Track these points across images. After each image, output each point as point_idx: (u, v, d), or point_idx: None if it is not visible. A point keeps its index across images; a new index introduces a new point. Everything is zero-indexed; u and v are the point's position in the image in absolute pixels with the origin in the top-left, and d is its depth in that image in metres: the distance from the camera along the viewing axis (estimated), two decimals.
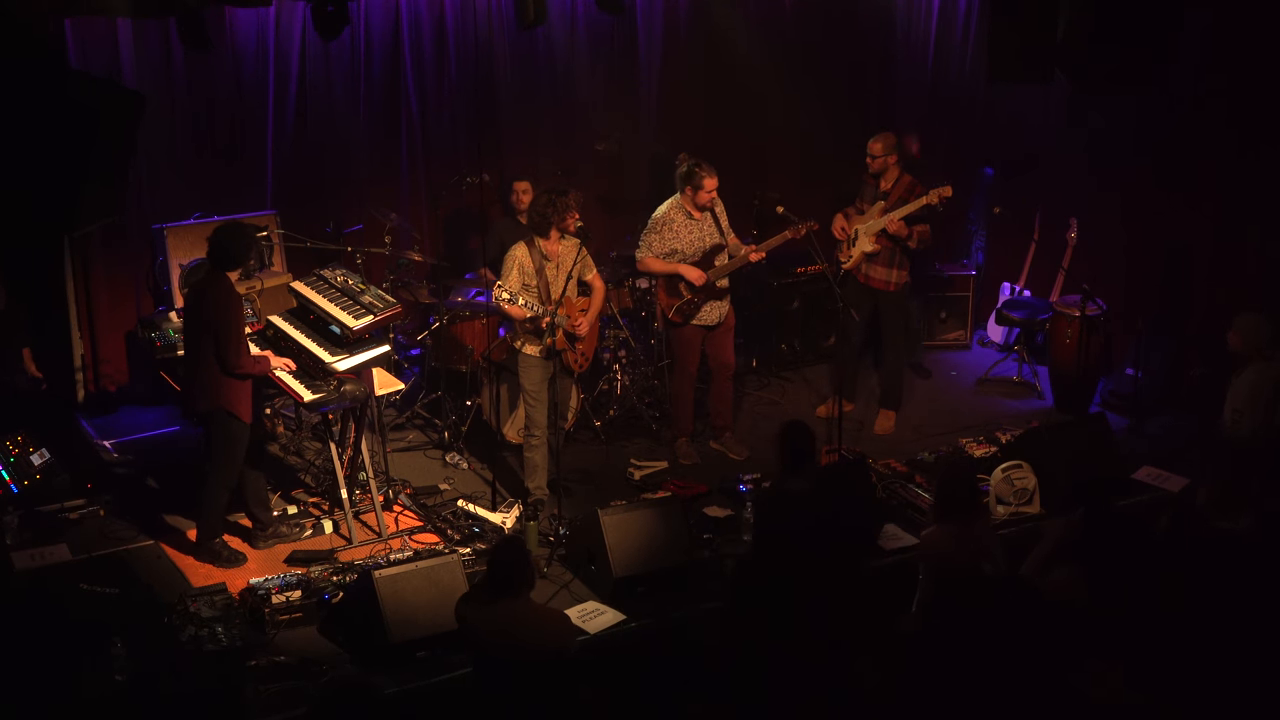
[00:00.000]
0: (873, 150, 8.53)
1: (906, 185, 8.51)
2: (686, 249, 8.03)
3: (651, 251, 8.07)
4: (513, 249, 7.48)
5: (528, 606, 5.38)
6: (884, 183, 8.55)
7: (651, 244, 8.08)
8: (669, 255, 8.04)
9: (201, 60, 8.73)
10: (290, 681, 5.90)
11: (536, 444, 7.59)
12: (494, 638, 5.24)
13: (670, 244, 8.03)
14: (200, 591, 6.54)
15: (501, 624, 5.23)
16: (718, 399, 8.44)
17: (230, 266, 6.88)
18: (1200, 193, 9.10)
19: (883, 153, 8.50)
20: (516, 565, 5.30)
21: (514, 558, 5.33)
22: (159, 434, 8.69)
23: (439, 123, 9.74)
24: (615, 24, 10.06)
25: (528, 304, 7.30)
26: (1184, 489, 7.75)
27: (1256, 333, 7.46)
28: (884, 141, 8.52)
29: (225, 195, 8.95)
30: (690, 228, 8.04)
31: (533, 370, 7.50)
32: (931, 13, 10.55)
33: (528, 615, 5.33)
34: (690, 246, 8.04)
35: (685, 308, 8.04)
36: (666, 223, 8.05)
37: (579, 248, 7.44)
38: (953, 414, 9.10)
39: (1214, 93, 8.78)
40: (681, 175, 8.00)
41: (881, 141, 8.52)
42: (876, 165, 8.53)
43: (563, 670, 5.29)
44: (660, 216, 8.08)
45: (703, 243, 8.05)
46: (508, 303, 7.26)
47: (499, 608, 5.27)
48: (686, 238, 8.04)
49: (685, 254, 8.04)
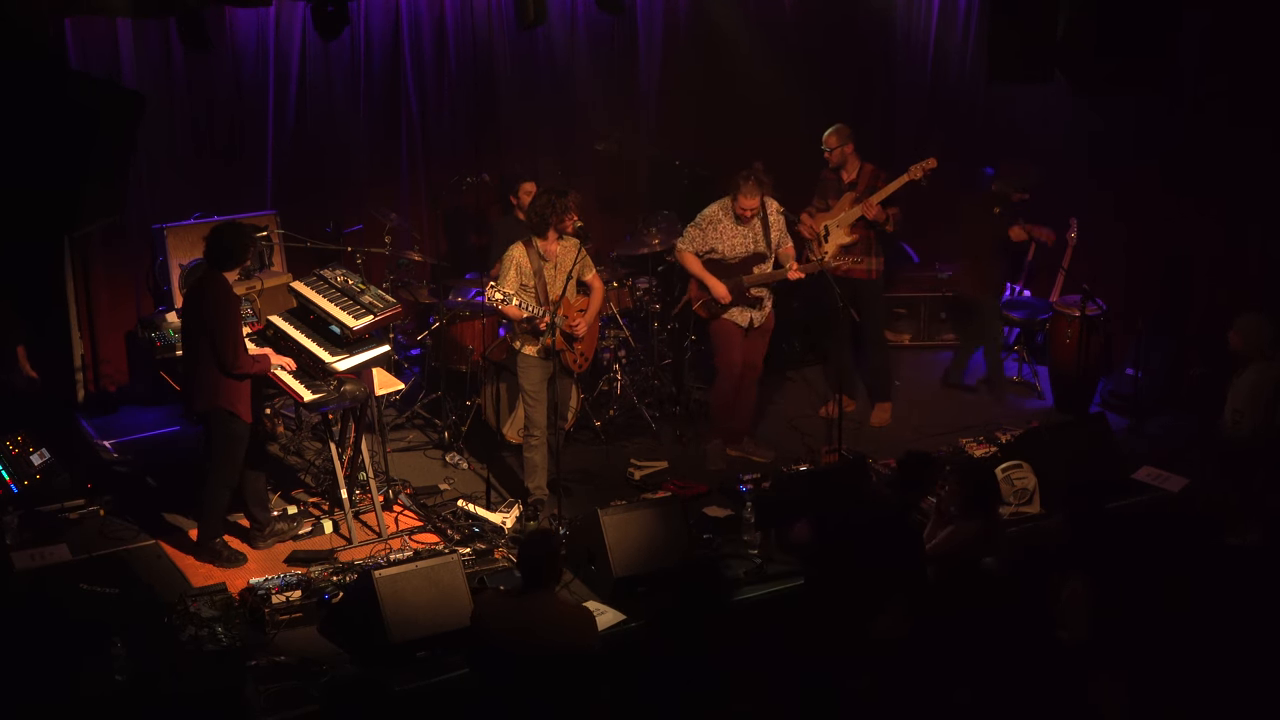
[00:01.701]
0: (828, 144, 8.58)
1: (870, 173, 8.59)
2: (726, 251, 7.97)
3: (692, 246, 8.03)
4: (510, 250, 7.47)
5: (554, 602, 5.40)
6: (846, 174, 8.62)
7: (693, 238, 8.03)
8: (707, 253, 8.00)
9: (201, 60, 8.74)
10: (290, 681, 5.90)
11: (536, 444, 7.59)
12: (512, 634, 5.21)
13: (711, 242, 7.98)
14: (200, 591, 6.53)
15: (524, 620, 5.23)
16: (740, 403, 8.38)
17: (228, 266, 6.87)
18: (1200, 193, 9.10)
19: (838, 144, 8.55)
20: (547, 559, 5.35)
21: (544, 550, 5.38)
22: (159, 434, 8.69)
23: (439, 123, 9.74)
24: (615, 24, 10.07)
25: (523, 304, 7.29)
26: (1184, 489, 7.75)
27: (1257, 333, 7.47)
28: (838, 134, 8.57)
29: (225, 195, 8.96)
30: (735, 232, 7.98)
31: (531, 370, 7.49)
32: (931, 13, 10.55)
33: (553, 611, 5.33)
34: (731, 250, 7.97)
35: (711, 304, 8.04)
36: (712, 221, 8.00)
37: (578, 248, 7.43)
38: (953, 414, 9.10)
39: (1214, 93, 8.78)
40: (733, 180, 7.93)
41: (835, 134, 8.58)
42: (835, 158, 8.58)
43: (585, 668, 5.27)
44: (708, 214, 8.04)
45: (744, 249, 7.98)
46: (502, 303, 7.25)
47: (524, 602, 5.29)
48: (729, 240, 7.98)
49: (724, 256, 7.98)
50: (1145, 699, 5.30)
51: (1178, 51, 6.94)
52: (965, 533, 6.14)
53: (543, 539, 5.52)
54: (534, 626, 5.22)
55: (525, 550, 5.48)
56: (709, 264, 8.01)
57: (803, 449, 8.46)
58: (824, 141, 8.61)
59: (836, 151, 8.57)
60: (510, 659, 5.22)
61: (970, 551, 6.07)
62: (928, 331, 10.35)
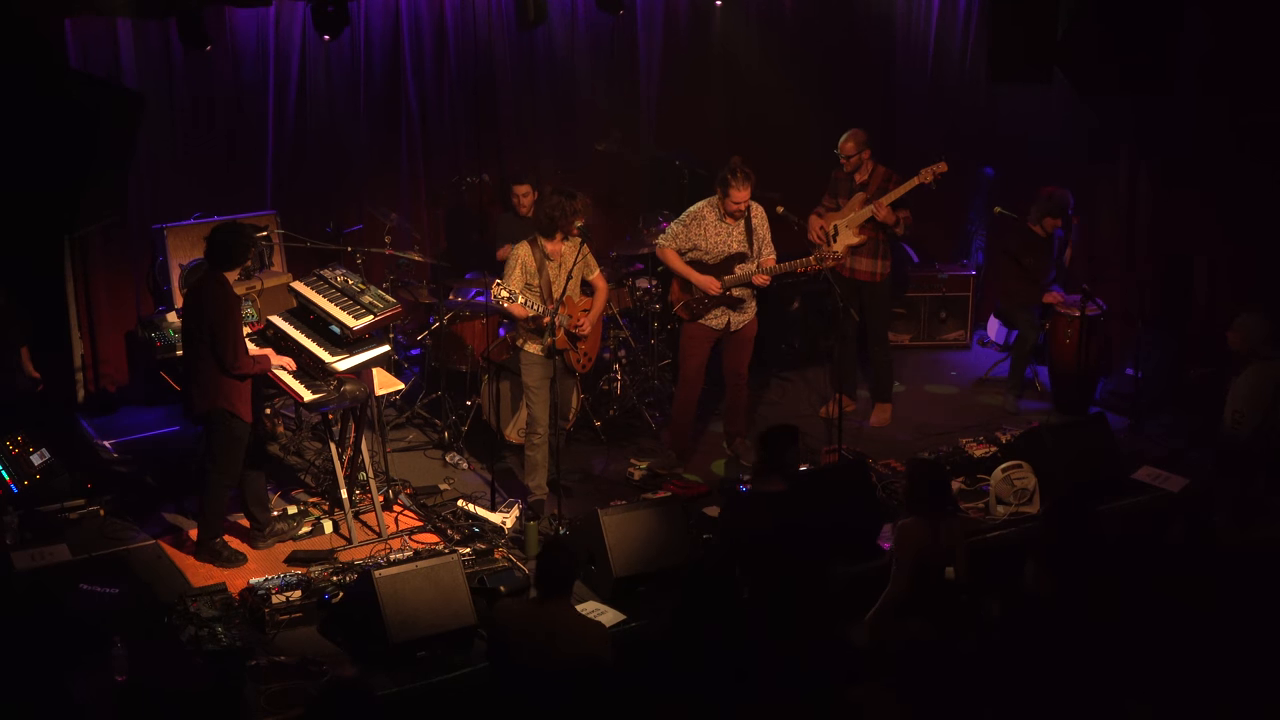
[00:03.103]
0: (844, 151, 8.54)
1: (883, 175, 8.56)
2: (710, 249, 7.90)
3: (675, 243, 7.95)
4: (515, 248, 7.47)
5: (570, 612, 5.41)
6: (859, 175, 8.58)
7: (676, 235, 7.96)
8: (689, 250, 7.96)
9: (201, 61, 8.74)
10: (290, 681, 5.89)
11: (538, 442, 7.59)
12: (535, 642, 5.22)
13: (695, 240, 7.90)
14: (200, 591, 6.54)
15: (543, 628, 5.24)
16: (731, 406, 8.34)
17: (228, 266, 6.86)
18: (1200, 193, 9.10)
19: (855, 151, 8.52)
20: (564, 567, 5.39)
21: (567, 559, 5.42)
22: (159, 434, 8.69)
23: (439, 123, 9.74)
24: (615, 24, 10.07)
25: (529, 302, 7.30)
26: (1184, 489, 7.74)
27: (1256, 332, 7.47)
28: (855, 140, 8.54)
29: (225, 195, 8.95)
30: (719, 230, 7.90)
31: (534, 367, 7.49)
32: (931, 13, 10.54)
33: (569, 620, 5.35)
34: (713, 248, 7.90)
35: (694, 305, 7.96)
36: (697, 218, 7.93)
37: (580, 246, 7.43)
38: (953, 414, 9.10)
39: (1214, 92, 8.77)
40: (719, 178, 7.89)
41: (853, 141, 8.54)
42: (852, 164, 8.54)
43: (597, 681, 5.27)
44: (694, 211, 7.97)
45: (726, 248, 7.91)
46: (508, 301, 7.26)
47: (541, 610, 5.30)
48: (712, 238, 7.90)
49: (706, 253, 7.93)
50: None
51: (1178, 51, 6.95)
52: (909, 528, 6.00)
53: (564, 547, 5.56)
54: (556, 635, 5.24)
55: (548, 558, 5.49)
56: (690, 263, 7.98)
57: (803, 449, 8.45)
58: (840, 149, 8.55)
59: (854, 158, 8.52)
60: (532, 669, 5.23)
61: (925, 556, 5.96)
62: (928, 331, 10.34)
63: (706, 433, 8.74)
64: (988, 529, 7.35)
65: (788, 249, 8.40)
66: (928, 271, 10.33)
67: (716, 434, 8.68)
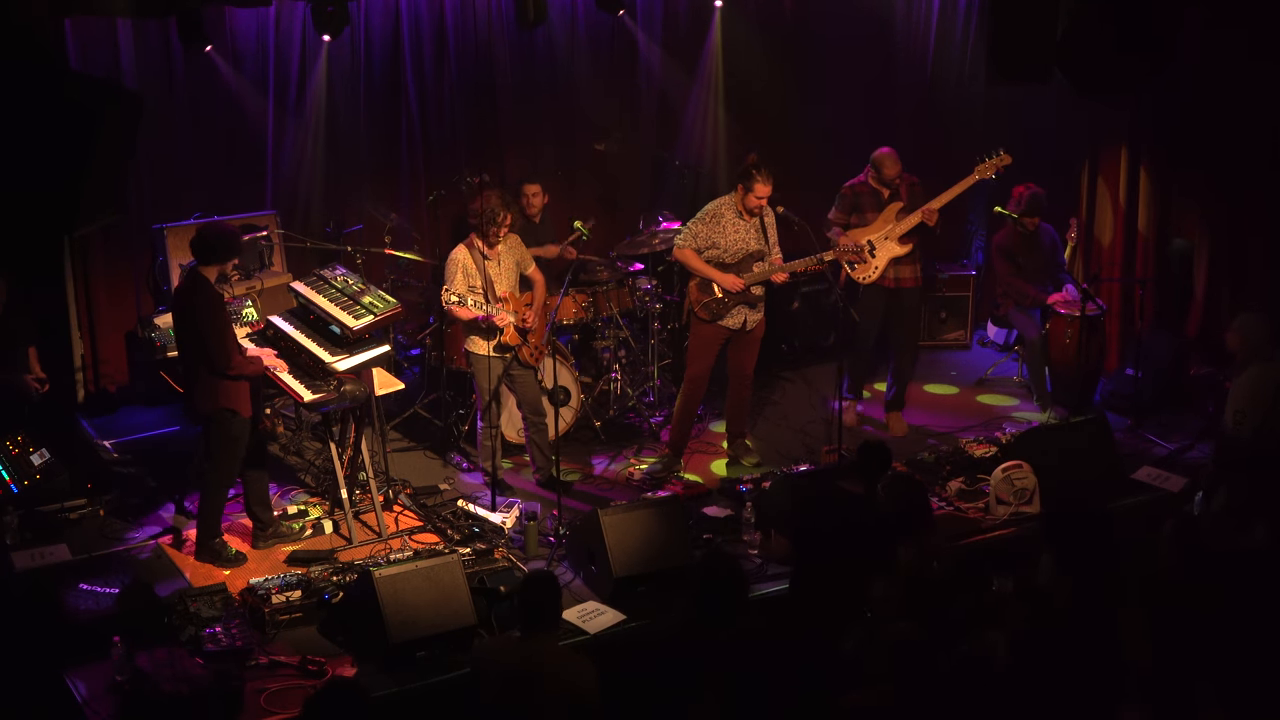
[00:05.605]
0: (888, 176, 8.38)
1: (909, 182, 8.51)
2: (729, 247, 7.88)
3: (695, 242, 7.89)
4: (453, 252, 7.63)
5: (555, 648, 5.31)
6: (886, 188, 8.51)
7: (697, 234, 7.91)
8: (708, 249, 7.92)
9: (201, 60, 8.74)
10: (290, 681, 5.89)
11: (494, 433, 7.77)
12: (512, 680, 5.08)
13: (714, 238, 7.87)
14: (200, 591, 6.54)
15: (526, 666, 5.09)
16: (734, 406, 8.32)
17: (209, 260, 6.79)
18: (1200, 193, 9.10)
19: (898, 173, 8.41)
20: (548, 601, 5.27)
21: (548, 593, 5.28)
22: (159, 434, 8.69)
23: (439, 123, 9.74)
24: (615, 24, 10.07)
25: (475, 304, 7.43)
26: (1184, 489, 7.74)
27: (1256, 333, 7.47)
28: (895, 163, 8.39)
29: (225, 195, 8.96)
30: (737, 227, 7.88)
31: (483, 364, 7.63)
32: (931, 13, 10.54)
33: (555, 656, 5.20)
34: (732, 246, 7.88)
35: (714, 305, 7.92)
36: (716, 216, 7.90)
37: (518, 243, 7.65)
38: (953, 414, 9.10)
39: (1213, 92, 8.77)
40: (740, 173, 7.87)
41: (891, 162, 8.38)
42: (894, 184, 8.44)
43: None
44: (711, 209, 7.94)
45: (745, 246, 7.89)
46: (457, 305, 7.38)
47: (525, 646, 5.18)
48: (731, 236, 7.88)
49: (725, 252, 7.89)
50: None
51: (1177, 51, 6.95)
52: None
53: (546, 580, 5.37)
54: (534, 674, 5.06)
55: (527, 592, 5.33)
56: (708, 262, 7.96)
57: (803, 449, 8.46)
58: (882, 174, 8.38)
59: (896, 179, 8.42)
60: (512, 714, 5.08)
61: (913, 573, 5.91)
62: (928, 331, 10.33)
63: (706, 433, 8.76)
64: (988, 529, 7.36)
65: (788, 249, 8.40)
66: (928, 271, 10.32)
67: (717, 434, 8.68)
